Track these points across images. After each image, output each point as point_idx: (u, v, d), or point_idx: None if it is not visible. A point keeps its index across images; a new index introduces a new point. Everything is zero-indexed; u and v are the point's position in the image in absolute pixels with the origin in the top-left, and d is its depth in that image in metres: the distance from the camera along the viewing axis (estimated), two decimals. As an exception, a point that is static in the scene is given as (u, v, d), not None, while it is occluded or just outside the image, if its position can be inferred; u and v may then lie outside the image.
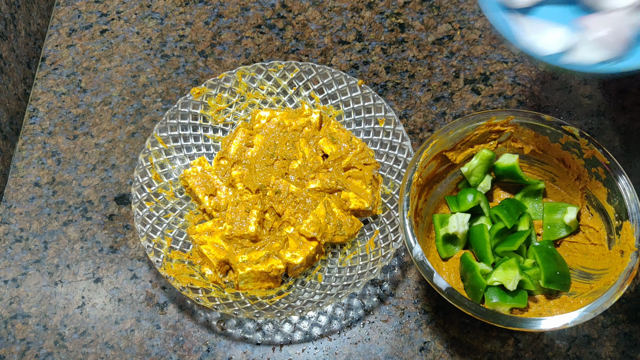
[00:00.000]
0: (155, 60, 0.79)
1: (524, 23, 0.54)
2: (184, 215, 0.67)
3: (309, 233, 0.63)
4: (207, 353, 0.62)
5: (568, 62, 0.52)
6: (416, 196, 0.59)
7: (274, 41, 0.80)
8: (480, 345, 0.62)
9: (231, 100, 0.71)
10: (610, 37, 0.51)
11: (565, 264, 0.60)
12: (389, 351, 0.62)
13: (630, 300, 0.63)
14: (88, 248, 0.68)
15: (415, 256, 0.54)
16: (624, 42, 0.51)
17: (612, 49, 0.51)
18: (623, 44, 0.51)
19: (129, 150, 0.74)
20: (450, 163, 0.63)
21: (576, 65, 0.52)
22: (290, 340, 0.63)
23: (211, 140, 0.71)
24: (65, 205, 0.70)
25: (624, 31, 0.51)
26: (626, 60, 0.51)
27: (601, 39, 0.51)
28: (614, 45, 0.51)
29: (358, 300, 0.64)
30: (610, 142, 0.72)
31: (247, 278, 0.62)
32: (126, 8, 0.84)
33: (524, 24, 0.54)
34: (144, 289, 0.66)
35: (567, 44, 0.53)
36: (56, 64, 0.80)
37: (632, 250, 0.54)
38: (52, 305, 0.65)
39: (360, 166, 0.67)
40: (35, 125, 0.76)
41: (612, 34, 0.51)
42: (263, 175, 0.66)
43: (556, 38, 0.53)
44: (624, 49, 0.51)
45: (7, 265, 0.67)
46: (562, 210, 0.61)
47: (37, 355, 0.63)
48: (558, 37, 0.53)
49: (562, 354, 0.61)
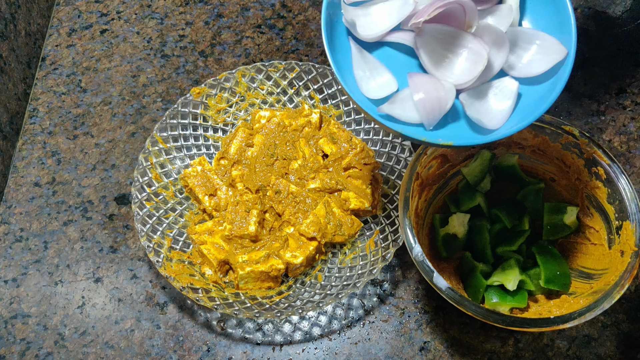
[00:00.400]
0: (155, 60, 0.79)
1: (357, 59, 0.51)
2: (184, 215, 0.67)
3: (309, 233, 0.63)
4: (207, 353, 0.62)
5: (382, 111, 0.49)
6: (416, 196, 0.59)
7: (274, 41, 0.80)
8: (480, 345, 0.62)
9: (231, 100, 0.71)
10: (424, 102, 0.49)
11: (565, 264, 0.60)
12: (389, 351, 0.62)
13: (630, 300, 0.63)
14: (88, 248, 0.68)
15: (415, 256, 0.54)
16: (433, 113, 0.49)
17: (422, 114, 0.49)
18: (431, 114, 0.49)
19: (129, 150, 0.73)
20: (450, 163, 0.63)
21: (386, 117, 0.49)
22: (290, 340, 0.63)
23: (211, 140, 0.71)
24: (65, 205, 0.70)
25: (438, 102, 0.49)
26: (432, 132, 0.49)
27: (416, 101, 0.49)
28: (423, 112, 0.49)
29: (358, 300, 0.64)
30: (610, 142, 0.72)
31: (247, 278, 0.62)
32: (126, 8, 0.84)
33: (358, 60, 0.51)
34: (144, 289, 0.66)
35: (387, 92, 0.50)
36: (56, 64, 0.80)
37: (632, 250, 0.54)
38: (52, 305, 0.65)
39: (360, 166, 0.67)
40: (35, 125, 0.76)
41: (426, 100, 0.49)
42: (263, 175, 0.66)
43: (379, 83, 0.51)
44: (432, 120, 0.49)
45: (7, 265, 0.67)
46: (562, 210, 0.61)
47: (37, 355, 0.63)
48: (380, 83, 0.51)
49: (562, 354, 0.61)
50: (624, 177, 0.57)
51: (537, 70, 0.50)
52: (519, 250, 0.61)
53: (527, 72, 0.51)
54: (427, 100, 0.48)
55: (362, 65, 0.51)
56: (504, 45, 0.50)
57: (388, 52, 0.52)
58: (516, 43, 0.51)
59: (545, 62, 0.50)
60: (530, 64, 0.50)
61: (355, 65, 0.51)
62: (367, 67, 0.51)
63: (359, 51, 0.51)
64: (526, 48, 0.50)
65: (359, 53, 0.51)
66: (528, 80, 0.51)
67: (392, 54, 0.53)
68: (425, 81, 0.49)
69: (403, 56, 0.52)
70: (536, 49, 0.50)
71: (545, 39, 0.50)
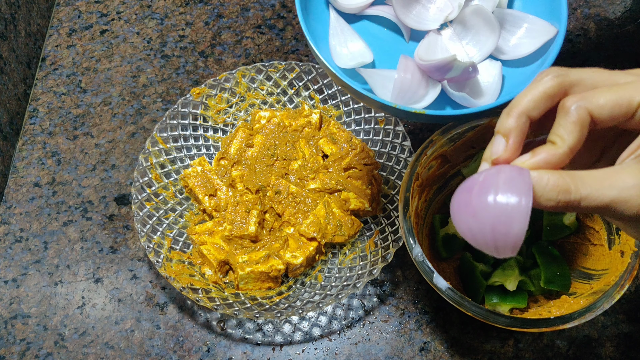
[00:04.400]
0: (155, 60, 0.79)
1: (334, 28, 0.52)
2: (184, 216, 0.67)
3: (309, 233, 0.63)
4: (207, 353, 0.62)
5: (361, 73, 0.50)
6: (416, 196, 0.59)
7: (274, 41, 0.80)
8: (480, 346, 0.62)
9: (231, 101, 0.71)
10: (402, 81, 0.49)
11: (565, 264, 0.60)
12: (389, 351, 0.62)
13: (630, 300, 0.63)
14: (88, 248, 0.68)
15: (415, 256, 0.54)
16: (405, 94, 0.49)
17: (395, 91, 0.49)
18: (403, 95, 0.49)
19: (129, 150, 0.73)
20: (451, 163, 0.63)
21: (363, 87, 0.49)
22: (290, 340, 0.63)
23: (211, 140, 0.71)
24: (65, 205, 0.70)
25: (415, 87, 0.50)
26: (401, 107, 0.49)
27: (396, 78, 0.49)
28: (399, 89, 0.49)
29: (358, 301, 0.64)
30: (610, 142, 0.72)
31: (247, 278, 0.62)
32: (126, 8, 0.84)
33: (335, 29, 0.52)
34: (144, 289, 0.66)
35: (360, 62, 0.51)
36: (56, 64, 0.80)
37: (632, 250, 0.54)
38: (52, 305, 0.65)
39: (360, 166, 0.67)
40: (35, 125, 0.76)
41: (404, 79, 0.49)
42: (263, 175, 0.66)
43: (352, 52, 0.51)
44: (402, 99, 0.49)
45: (7, 266, 0.67)
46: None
47: (37, 355, 0.63)
48: (354, 52, 0.51)
49: (562, 354, 0.61)
50: (624, 177, 0.57)
51: (524, 52, 0.51)
52: (519, 251, 0.61)
53: (513, 54, 0.52)
54: (404, 79, 0.49)
55: (338, 34, 0.51)
56: (494, 29, 0.50)
57: (367, 26, 0.53)
58: (504, 26, 0.52)
59: (534, 44, 0.51)
60: (517, 46, 0.52)
61: (332, 33, 0.52)
62: (342, 36, 0.51)
63: (336, 20, 0.52)
64: (513, 31, 0.52)
65: (337, 22, 0.51)
66: (514, 62, 0.52)
67: (371, 27, 0.54)
68: (412, 65, 0.50)
69: (382, 30, 0.53)
70: (524, 32, 0.51)
71: (534, 22, 0.51)
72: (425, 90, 0.50)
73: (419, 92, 0.50)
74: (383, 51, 0.52)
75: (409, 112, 0.47)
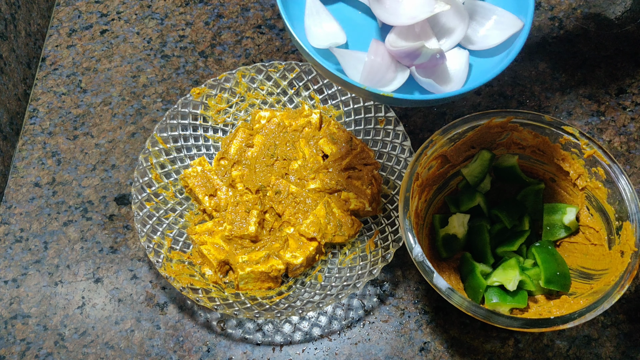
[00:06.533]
0: (155, 60, 0.79)
1: (310, 8, 0.52)
2: (184, 216, 0.67)
3: (309, 233, 0.63)
4: (207, 353, 0.62)
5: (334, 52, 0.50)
6: (416, 196, 0.59)
7: (274, 41, 0.80)
8: (480, 346, 0.62)
9: (231, 101, 0.71)
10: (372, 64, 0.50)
11: (565, 264, 0.60)
12: (389, 351, 0.62)
13: (630, 300, 0.63)
14: (88, 248, 0.68)
15: (415, 256, 0.54)
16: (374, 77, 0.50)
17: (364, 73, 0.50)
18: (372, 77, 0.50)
19: (129, 150, 0.74)
20: (450, 163, 0.63)
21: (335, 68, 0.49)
22: (290, 340, 0.63)
23: (211, 140, 0.71)
24: (65, 205, 0.70)
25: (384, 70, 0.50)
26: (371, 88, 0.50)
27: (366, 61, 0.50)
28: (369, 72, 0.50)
29: (358, 301, 0.64)
30: (610, 142, 0.72)
31: (247, 278, 0.62)
32: (126, 8, 0.84)
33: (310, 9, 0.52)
34: (144, 289, 0.66)
35: (333, 42, 0.51)
36: (56, 64, 0.80)
37: (632, 250, 0.54)
38: (52, 305, 0.65)
39: (360, 166, 0.67)
40: (35, 125, 0.76)
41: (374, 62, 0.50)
42: (263, 175, 0.66)
43: (326, 32, 0.52)
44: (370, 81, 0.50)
45: (7, 266, 0.67)
46: (562, 211, 0.61)
47: (37, 355, 0.63)
48: (327, 32, 0.52)
49: (562, 354, 0.61)
50: (624, 177, 0.57)
51: (492, 43, 0.53)
52: (519, 251, 0.61)
53: (482, 45, 0.53)
54: (374, 62, 0.50)
55: (314, 14, 0.52)
56: (464, 19, 0.52)
57: (342, 8, 0.54)
58: (474, 17, 0.53)
59: (501, 35, 0.52)
60: (485, 37, 0.53)
61: (307, 13, 0.53)
62: (318, 17, 0.52)
63: (313, 1, 0.53)
64: (482, 22, 0.53)
65: (313, 3, 0.53)
66: (482, 52, 0.53)
67: (346, 10, 0.55)
68: (383, 49, 0.51)
69: (357, 14, 0.55)
70: (493, 24, 0.53)
71: (502, 15, 0.53)
72: (394, 75, 0.51)
73: (387, 76, 0.51)
74: (357, 34, 0.54)
75: (377, 94, 0.48)
